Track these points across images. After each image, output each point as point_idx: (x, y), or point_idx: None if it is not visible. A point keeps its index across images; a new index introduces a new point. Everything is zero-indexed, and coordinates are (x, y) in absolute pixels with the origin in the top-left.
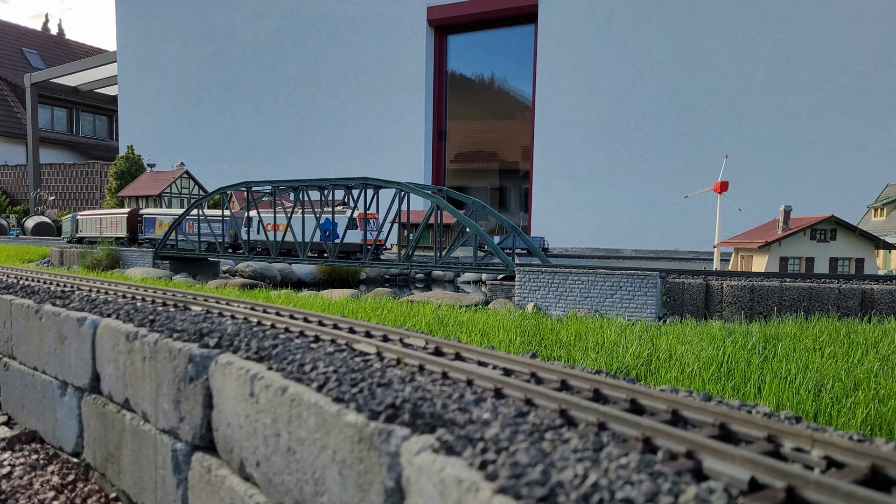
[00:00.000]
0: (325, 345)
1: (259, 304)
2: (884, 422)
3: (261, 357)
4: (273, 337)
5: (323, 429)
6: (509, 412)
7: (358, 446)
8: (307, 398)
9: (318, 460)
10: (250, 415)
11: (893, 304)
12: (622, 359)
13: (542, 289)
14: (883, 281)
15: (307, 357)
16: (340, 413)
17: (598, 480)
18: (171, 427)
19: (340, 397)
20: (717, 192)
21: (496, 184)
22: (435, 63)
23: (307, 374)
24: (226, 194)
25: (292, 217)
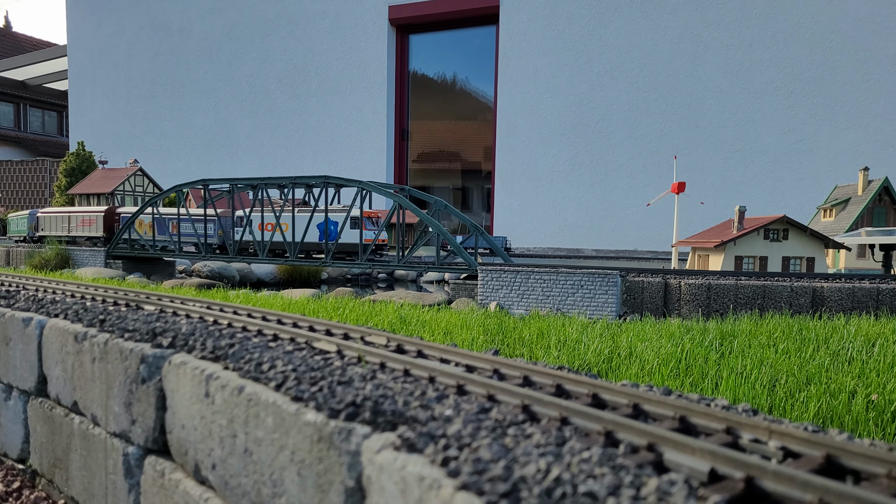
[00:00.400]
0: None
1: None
2: (835, 414)
3: (217, 356)
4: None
5: (281, 429)
6: (472, 408)
7: (317, 446)
8: (265, 397)
9: (277, 461)
10: (206, 416)
11: (842, 301)
12: (584, 356)
13: (505, 288)
14: (832, 279)
15: (265, 356)
16: (299, 412)
17: (560, 475)
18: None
19: (299, 396)
20: (675, 192)
21: (459, 184)
22: (397, 62)
23: (265, 373)
24: (182, 192)
25: (291, 217)
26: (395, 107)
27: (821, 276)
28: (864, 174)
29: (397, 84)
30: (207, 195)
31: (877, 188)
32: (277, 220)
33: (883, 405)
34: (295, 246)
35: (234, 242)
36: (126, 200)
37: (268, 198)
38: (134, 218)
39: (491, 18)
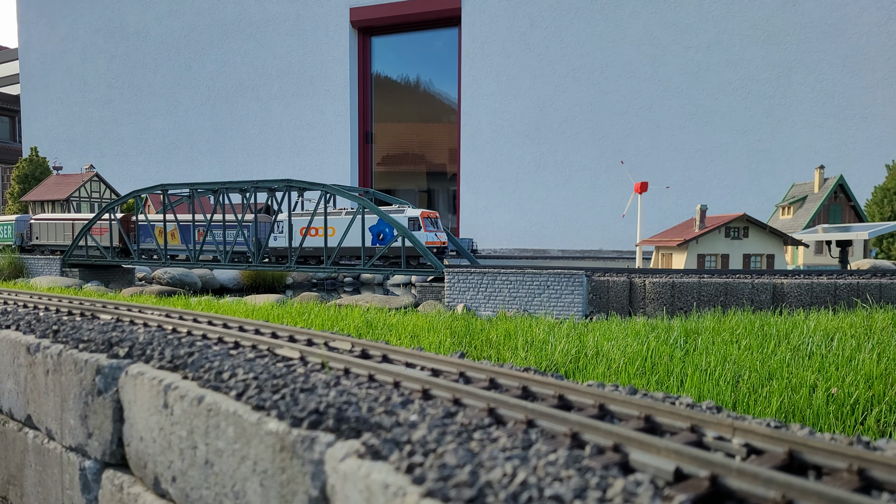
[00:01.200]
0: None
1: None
2: (796, 409)
3: (175, 366)
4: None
5: (242, 439)
6: (437, 413)
7: (280, 455)
8: (225, 407)
9: (238, 472)
10: (164, 427)
11: (801, 297)
12: (551, 356)
13: (472, 289)
14: (791, 275)
15: (226, 364)
16: (261, 421)
17: (526, 479)
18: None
19: (261, 405)
20: (638, 192)
21: (424, 186)
22: (359, 64)
23: (225, 381)
24: (140, 198)
25: (337, 221)
26: (359, 109)
27: (780, 272)
28: (819, 172)
29: (360, 86)
30: (167, 200)
31: (832, 186)
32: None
33: (842, 398)
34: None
35: (271, 249)
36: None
37: (229, 203)
38: (90, 225)
39: (453, 21)
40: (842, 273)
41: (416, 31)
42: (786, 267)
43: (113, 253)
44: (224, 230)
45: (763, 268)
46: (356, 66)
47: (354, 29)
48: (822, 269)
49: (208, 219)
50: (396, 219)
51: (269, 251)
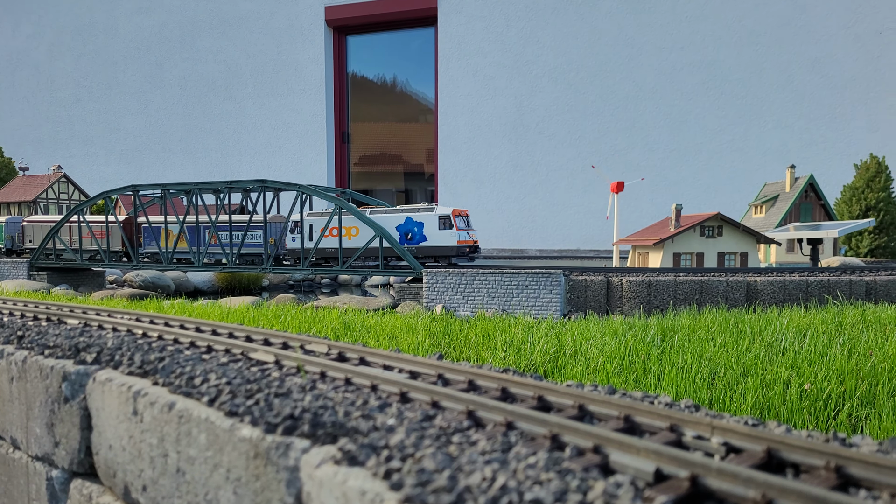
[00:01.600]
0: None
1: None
2: (771, 405)
3: (145, 371)
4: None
5: (215, 446)
6: (415, 416)
7: (254, 462)
8: (197, 413)
9: (211, 480)
10: (134, 435)
11: (774, 294)
12: (530, 356)
13: (450, 290)
14: (765, 273)
15: (198, 369)
16: (234, 428)
17: (506, 482)
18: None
19: (234, 411)
20: (614, 191)
21: (402, 186)
22: (335, 64)
23: (197, 387)
24: (110, 199)
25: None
26: (335, 109)
27: (754, 270)
28: (790, 172)
29: (336, 86)
30: (138, 202)
31: (803, 185)
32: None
33: (815, 394)
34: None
35: (288, 251)
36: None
37: (202, 203)
38: (59, 227)
39: (429, 20)
40: (813, 270)
41: (393, 31)
42: (759, 265)
43: (115, 257)
44: (231, 231)
45: (737, 266)
46: (332, 66)
47: (330, 28)
48: (794, 266)
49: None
50: (426, 217)
51: (285, 253)
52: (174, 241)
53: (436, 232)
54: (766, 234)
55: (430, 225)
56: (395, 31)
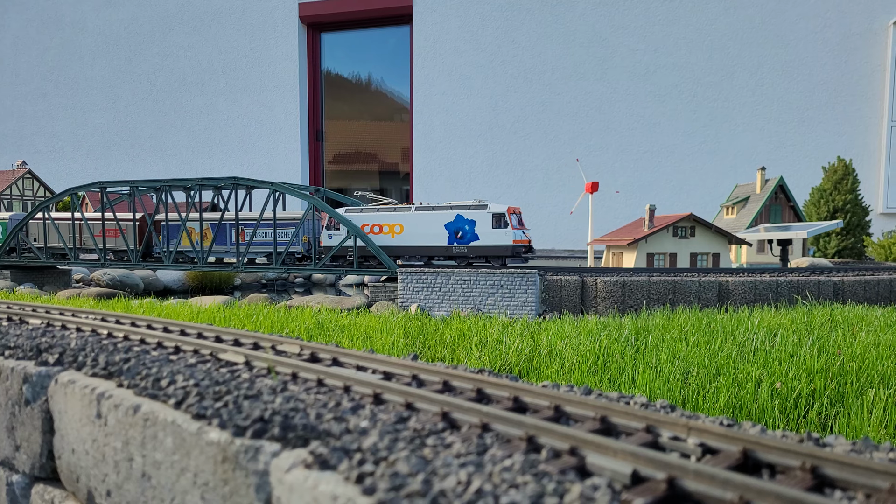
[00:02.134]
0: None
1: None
2: (743, 404)
3: (110, 373)
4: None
5: (182, 449)
6: (389, 418)
7: (222, 466)
8: (163, 416)
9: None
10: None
11: (745, 294)
12: (505, 356)
13: (426, 289)
14: (736, 273)
15: (164, 370)
16: (201, 431)
17: (482, 486)
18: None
19: (202, 413)
20: (589, 192)
21: (377, 185)
22: (309, 61)
23: (164, 389)
24: (77, 196)
25: (405, 217)
26: (309, 107)
27: (725, 270)
28: (761, 174)
29: (310, 83)
30: (105, 199)
31: (773, 187)
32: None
33: (786, 393)
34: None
35: (324, 249)
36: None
37: (172, 201)
38: (22, 224)
39: (404, 18)
40: (783, 271)
41: (367, 28)
42: (730, 265)
43: (136, 256)
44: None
45: (709, 266)
46: (306, 63)
47: (304, 25)
48: (765, 267)
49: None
50: (478, 214)
51: (320, 251)
52: (197, 238)
53: (489, 231)
54: (738, 235)
55: (482, 223)
56: (370, 28)
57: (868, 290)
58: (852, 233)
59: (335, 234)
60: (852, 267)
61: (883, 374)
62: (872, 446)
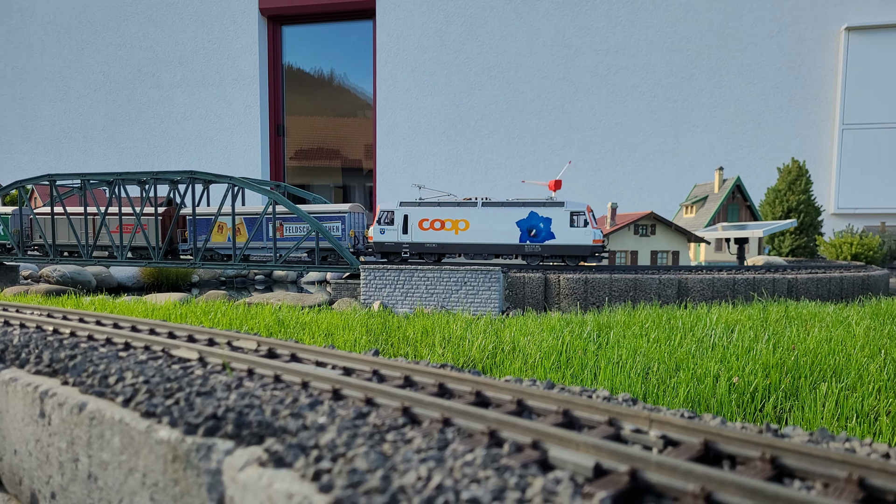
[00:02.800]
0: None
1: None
2: (702, 398)
3: (55, 370)
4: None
5: (130, 449)
6: (348, 414)
7: (172, 466)
8: (110, 415)
9: (126, 486)
10: (41, 439)
11: (704, 291)
12: (468, 352)
13: (389, 286)
14: (695, 271)
15: (113, 367)
16: (151, 429)
17: (442, 481)
18: None
19: (151, 411)
20: (552, 189)
21: (340, 182)
22: (269, 54)
23: (111, 386)
24: (24, 189)
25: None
26: (269, 101)
27: (685, 268)
28: (719, 173)
29: (271, 77)
30: (55, 192)
31: (730, 186)
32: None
33: (743, 387)
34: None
35: (376, 245)
36: None
37: (126, 195)
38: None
39: (367, 13)
40: (739, 269)
41: (330, 22)
42: (690, 263)
43: (158, 253)
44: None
45: (669, 264)
46: (266, 56)
47: (264, 17)
48: (722, 265)
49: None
50: (554, 212)
51: (369, 247)
52: (230, 234)
53: (566, 229)
54: (697, 234)
55: (559, 221)
56: (332, 22)
57: (820, 287)
58: (805, 232)
59: (388, 229)
60: (805, 265)
61: (835, 368)
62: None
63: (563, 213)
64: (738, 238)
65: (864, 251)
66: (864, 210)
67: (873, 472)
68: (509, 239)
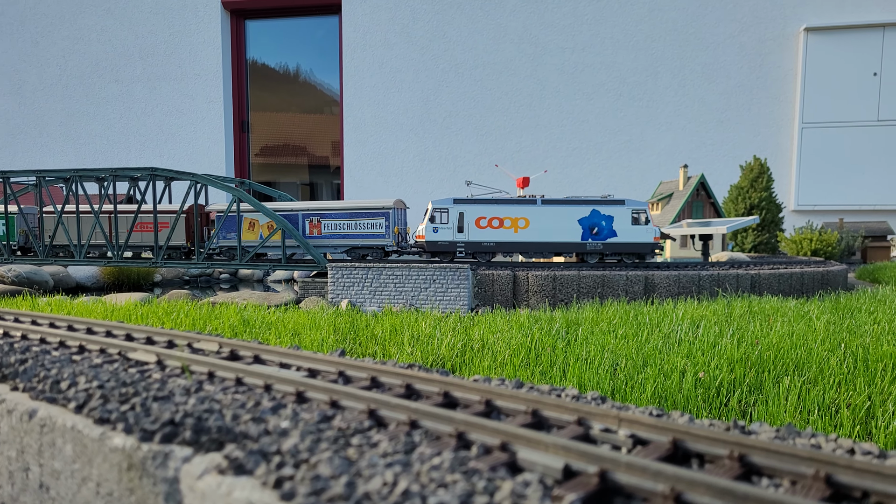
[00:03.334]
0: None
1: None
2: (669, 394)
3: (4, 376)
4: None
5: (83, 457)
6: (312, 418)
7: (128, 475)
8: (62, 421)
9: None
10: None
11: (670, 288)
12: (437, 351)
13: (357, 285)
14: (661, 267)
15: (66, 372)
16: (105, 437)
17: (409, 487)
18: None
19: (105, 417)
20: (520, 187)
21: (306, 179)
22: (233, 49)
23: (64, 392)
24: None
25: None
26: (233, 97)
27: (651, 265)
28: (683, 171)
29: (234, 72)
30: (9, 189)
31: (694, 184)
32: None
33: (709, 382)
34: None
35: (429, 244)
36: None
37: (84, 192)
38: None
39: (333, 8)
40: (704, 265)
41: (295, 17)
42: (656, 260)
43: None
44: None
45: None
46: (230, 51)
47: (227, 11)
48: (687, 261)
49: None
50: (616, 210)
51: (416, 245)
52: (262, 231)
53: (628, 227)
54: (662, 230)
55: (621, 219)
56: (298, 17)
57: (782, 282)
58: (767, 228)
59: (442, 228)
60: (767, 261)
61: (797, 362)
62: (795, 432)
63: (625, 210)
64: (702, 235)
65: (824, 247)
66: (822, 207)
67: (840, 468)
68: (571, 237)
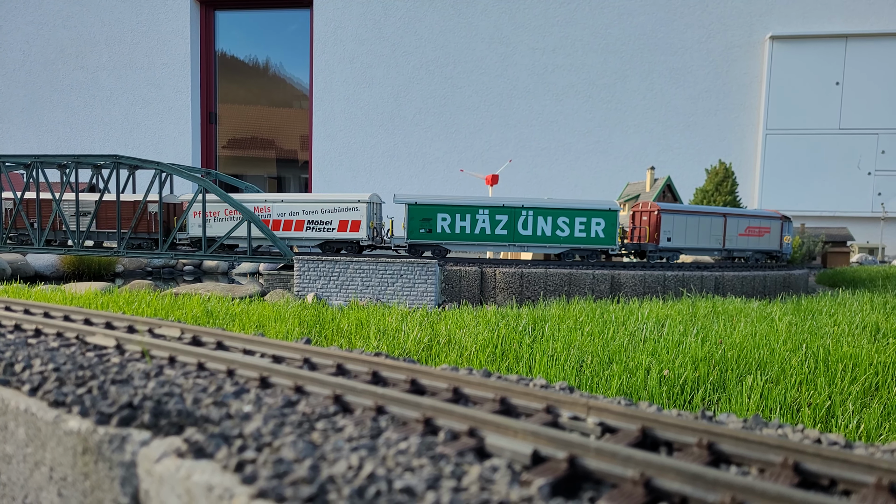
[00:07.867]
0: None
1: None
2: (634, 390)
3: None
4: None
5: (36, 441)
6: (276, 402)
7: (83, 458)
8: (15, 404)
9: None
10: None
11: (636, 287)
12: (404, 345)
13: (323, 278)
14: (627, 267)
15: (20, 354)
16: (59, 420)
17: (374, 470)
18: None
19: (61, 400)
20: (489, 184)
21: (274, 172)
22: (202, 40)
23: (17, 374)
24: None
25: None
26: (201, 88)
27: (618, 264)
28: (650, 173)
29: (203, 63)
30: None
31: (661, 186)
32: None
33: (673, 380)
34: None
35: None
36: None
37: (45, 180)
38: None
39: (305, 1)
40: (670, 266)
41: (265, 10)
42: (622, 259)
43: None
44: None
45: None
46: (198, 42)
47: (196, 0)
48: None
49: None
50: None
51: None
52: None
53: None
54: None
55: None
56: (268, 10)
57: (745, 284)
58: None
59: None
60: (731, 264)
61: (759, 361)
62: (763, 423)
63: None
64: None
65: None
66: (785, 212)
67: (808, 456)
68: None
